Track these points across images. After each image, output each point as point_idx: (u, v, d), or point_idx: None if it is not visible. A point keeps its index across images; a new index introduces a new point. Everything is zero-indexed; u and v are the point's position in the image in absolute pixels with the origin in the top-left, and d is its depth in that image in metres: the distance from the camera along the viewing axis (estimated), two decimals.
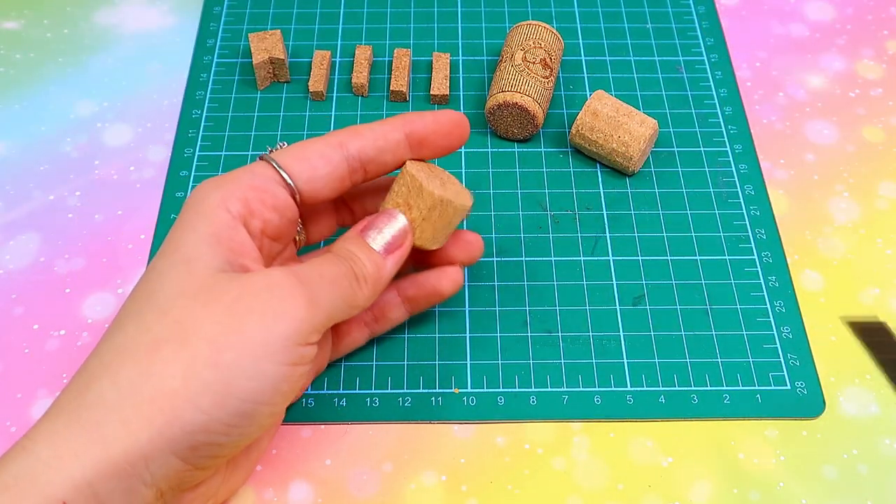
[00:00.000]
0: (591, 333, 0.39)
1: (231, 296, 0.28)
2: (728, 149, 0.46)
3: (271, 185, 0.32)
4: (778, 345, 0.39)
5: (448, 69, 0.48)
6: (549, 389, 0.37)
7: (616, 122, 0.43)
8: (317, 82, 0.48)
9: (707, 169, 0.45)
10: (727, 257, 0.42)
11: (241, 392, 0.27)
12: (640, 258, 0.42)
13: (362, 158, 0.33)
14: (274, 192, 0.32)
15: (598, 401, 0.37)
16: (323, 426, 0.37)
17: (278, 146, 0.33)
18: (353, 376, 0.38)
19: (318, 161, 0.33)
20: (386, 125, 0.34)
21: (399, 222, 0.33)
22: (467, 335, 0.39)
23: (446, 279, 0.37)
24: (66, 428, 0.27)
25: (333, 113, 0.47)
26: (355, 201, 0.37)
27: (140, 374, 0.27)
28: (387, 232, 0.33)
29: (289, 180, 0.32)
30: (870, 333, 0.31)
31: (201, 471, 0.29)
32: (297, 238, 0.36)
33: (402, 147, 0.34)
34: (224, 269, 0.29)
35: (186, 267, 0.29)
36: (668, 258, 0.42)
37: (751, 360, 0.38)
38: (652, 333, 0.39)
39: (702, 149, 0.46)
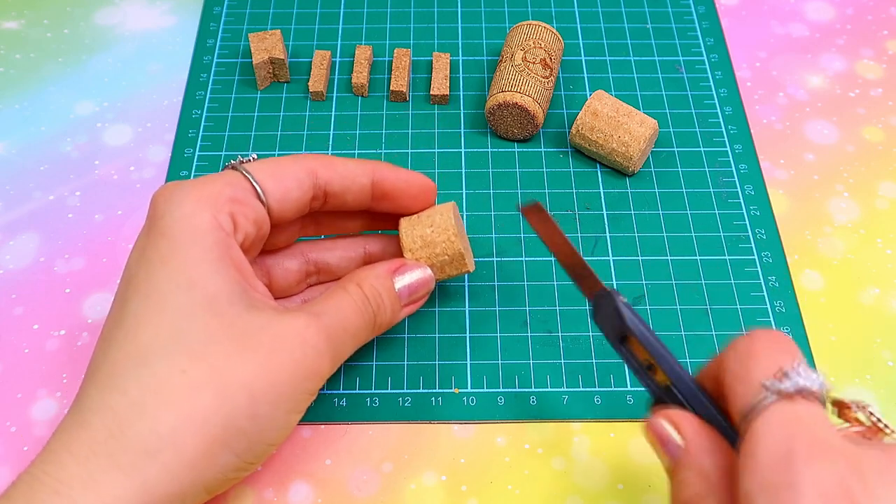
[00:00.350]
0: (591, 333, 0.39)
1: (266, 348, 0.29)
2: (728, 149, 0.46)
3: (250, 197, 0.32)
4: None
5: (448, 69, 0.48)
6: (549, 389, 0.37)
7: (616, 122, 0.43)
8: (317, 82, 0.48)
9: (707, 169, 0.45)
10: (727, 257, 0.42)
11: (269, 438, 0.30)
12: (639, 258, 0.42)
13: (327, 191, 0.34)
14: (254, 205, 0.32)
15: (598, 401, 0.37)
16: (323, 426, 0.37)
17: (250, 157, 0.33)
18: (353, 376, 0.38)
19: (292, 183, 0.33)
20: (358, 167, 0.34)
21: (429, 284, 0.35)
22: (467, 335, 0.39)
23: None
24: (104, 474, 0.26)
25: (333, 113, 0.47)
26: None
27: (182, 422, 0.27)
28: (414, 285, 0.34)
29: (262, 197, 0.32)
30: (530, 213, 0.34)
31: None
32: None
33: (366, 193, 0.35)
34: (243, 300, 0.30)
35: (210, 305, 0.29)
36: (668, 258, 0.42)
37: None
38: None
39: (702, 149, 0.46)
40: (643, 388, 0.37)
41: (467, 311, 0.40)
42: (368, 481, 0.35)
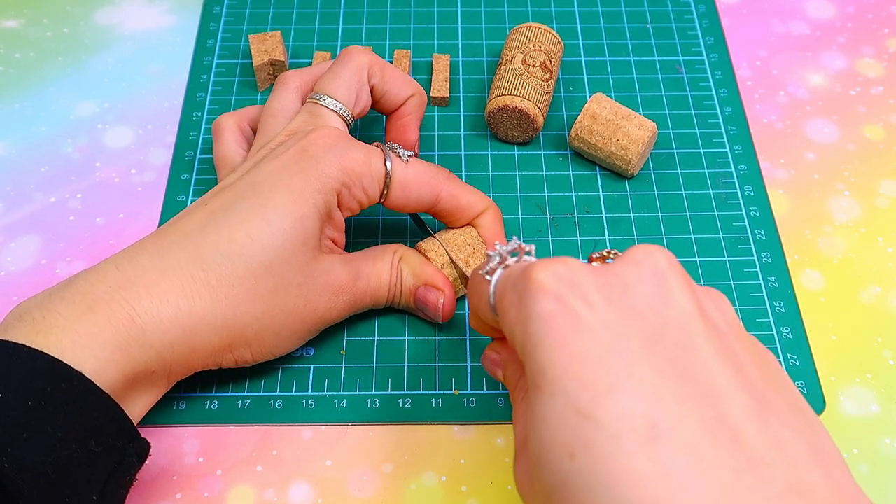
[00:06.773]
0: None
1: (318, 286, 0.35)
2: (728, 150, 0.46)
3: (376, 182, 0.36)
4: (778, 345, 0.39)
5: (448, 71, 0.48)
6: None
7: (614, 125, 0.43)
8: None
9: (707, 170, 0.45)
10: (727, 258, 0.42)
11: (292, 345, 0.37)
12: None
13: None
14: (373, 192, 0.37)
15: None
16: (323, 427, 0.37)
17: (400, 153, 0.38)
18: (354, 378, 0.38)
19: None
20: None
21: (437, 305, 0.38)
22: (467, 338, 0.39)
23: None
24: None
25: None
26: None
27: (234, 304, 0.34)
28: (430, 300, 0.38)
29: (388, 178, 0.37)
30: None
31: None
32: None
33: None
34: (319, 246, 0.35)
35: (304, 250, 0.34)
36: None
37: None
38: None
39: (701, 150, 0.46)
40: None
41: (467, 314, 0.40)
42: (368, 482, 0.35)
